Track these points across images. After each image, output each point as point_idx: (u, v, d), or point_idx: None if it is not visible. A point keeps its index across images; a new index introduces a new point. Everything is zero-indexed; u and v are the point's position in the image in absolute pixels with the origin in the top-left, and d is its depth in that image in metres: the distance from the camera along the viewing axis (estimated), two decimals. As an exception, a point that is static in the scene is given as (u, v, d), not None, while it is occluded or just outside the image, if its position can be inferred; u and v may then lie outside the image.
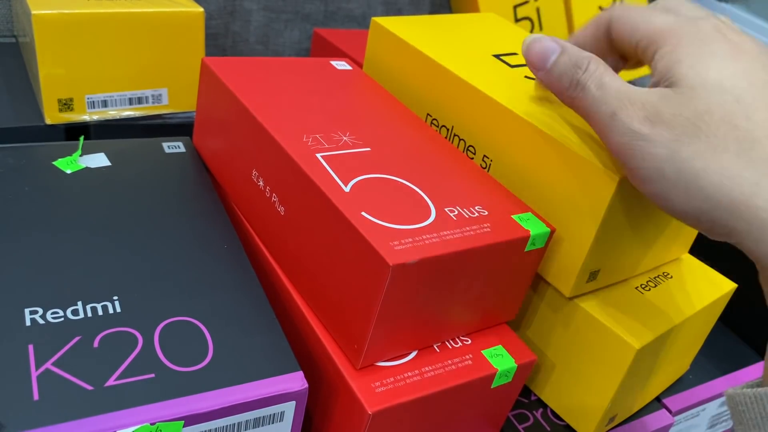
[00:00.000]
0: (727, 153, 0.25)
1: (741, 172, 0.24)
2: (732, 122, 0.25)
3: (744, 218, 0.24)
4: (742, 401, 0.25)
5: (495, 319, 0.35)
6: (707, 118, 0.25)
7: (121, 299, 0.30)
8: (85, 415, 0.25)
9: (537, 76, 0.32)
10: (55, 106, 0.47)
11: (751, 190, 0.24)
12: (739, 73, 0.26)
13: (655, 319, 0.36)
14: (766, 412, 0.25)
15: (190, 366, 0.28)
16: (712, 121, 0.25)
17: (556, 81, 0.30)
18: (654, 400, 0.42)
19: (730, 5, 0.94)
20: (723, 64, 0.26)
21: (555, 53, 0.31)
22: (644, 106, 0.27)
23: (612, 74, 0.29)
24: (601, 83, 0.28)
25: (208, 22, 0.66)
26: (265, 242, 0.37)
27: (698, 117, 0.25)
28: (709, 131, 0.25)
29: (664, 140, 0.26)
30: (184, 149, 0.42)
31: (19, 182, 0.36)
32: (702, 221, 0.26)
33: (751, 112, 0.25)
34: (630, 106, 0.27)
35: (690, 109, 0.26)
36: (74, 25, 0.45)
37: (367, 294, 0.29)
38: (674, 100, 0.26)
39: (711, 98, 0.26)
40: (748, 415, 0.25)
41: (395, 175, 0.33)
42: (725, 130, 0.25)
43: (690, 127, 0.25)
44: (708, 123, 0.25)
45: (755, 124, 0.25)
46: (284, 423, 0.29)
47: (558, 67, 0.30)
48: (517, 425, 0.38)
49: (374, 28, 0.44)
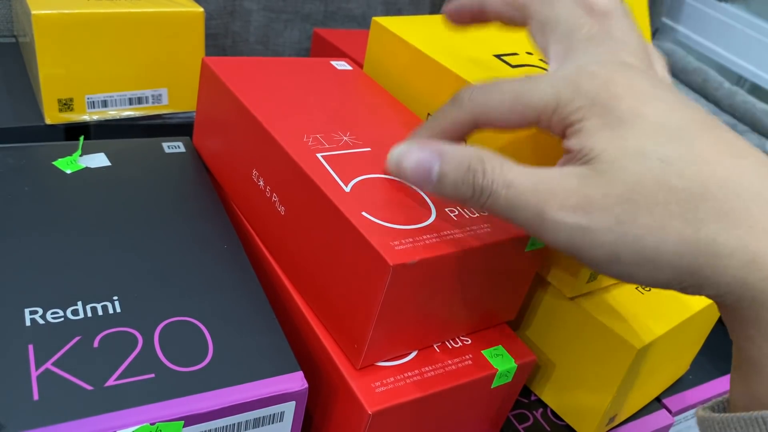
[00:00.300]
0: (674, 219, 0.23)
1: (695, 235, 0.23)
2: (666, 185, 0.23)
3: (711, 279, 0.23)
4: (711, 426, 0.25)
5: (495, 319, 0.35)
6: (640, 189, 0.23)
7: (121, 299, 0.30)
8: (85, 415, 0.25)
9: (426, 191, 0.28)
10: (55, 106, 0.47)
11: (712, 250, 0.23)
12: (655, 129, 0.24)
13: (655, 319, 0.36)
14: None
15: (190, 366, 0.28)
16: (647, 191, 0.23)
17: (453, 193, 0.26)
18: (654, 400, 0.42)
19: (729, 5, 0.94)
20: (636, 125, 0.24)
21: (436, 164, 0.26)
22: (569, 195, 0.24)
23: (512, 165, 0.25)
24: (509, 183, 0.25)
25: (208, 22, 0.66)
26: (265, 242, 0.37)
27: (631, 191, 0.23)
28: (648, 202, 0.23)
29: (607, 226, 0.23)
30: (184, 149, 0.42)
31: (19, 182, 0.36)
32: (672, 287, 0.24)
33: (681, 169, 0.23)
34: (554, 200, 0.24)
35: (619, 186, 0.23)
36: (74, 25, 0.45)
37: (368, 294, 0.29)
38: (599, 181, 0.23)
39: (637, 168, 0.23)
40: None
41: (395, 175, 0.33)
42: (663, 195, 0.23)
43: (627, 204, 0.23)
44: (644, 194, 0.23)
45: (690, 180, 0.23)
46: (284, 423, 0.29)
47: (447, 179, 0.26)
48: (517, 425, 0.38)
49: (374, 28, 0.44)
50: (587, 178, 0.24)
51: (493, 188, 0.25)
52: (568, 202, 0.24)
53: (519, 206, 0.25)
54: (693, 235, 0.23)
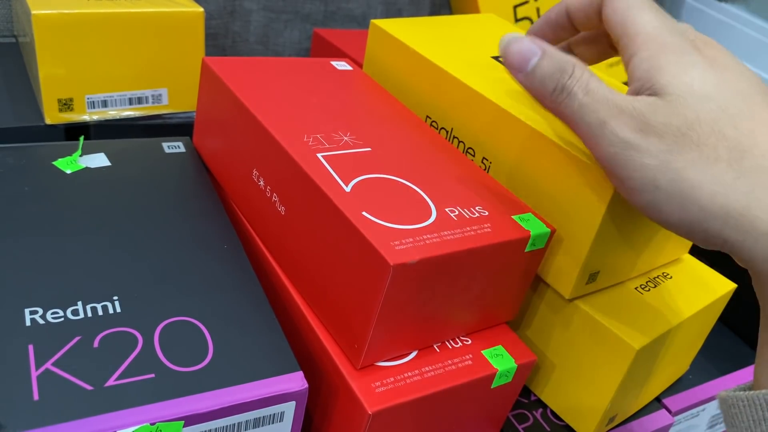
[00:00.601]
0: (719, 163, 0.25)
1: (734, 182, 0.24)
2: (721, 131, 0.25)
3: (738, 228, 0.24)
4: (735, 404, 0.25)
5: (495, 319, 0.35)
6: (697, 128, 0.25)
7: (121, 299, 0.30)
8: (85, 415, 0.25)
9: (517, 78, 0.30)
10: (55, 106, 0.47)
11: (745, 200, 0.24)
12: (721, 84, 0.26)
13: (654, 319, 0.36)
14: (758, 416, 0.25)
15: (190, 366, 0.28)
16: (702, 131, 0.25)
17: (539, 85, 0.29)
18: (654, 400, 0.42)
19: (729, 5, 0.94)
20: (704, 74, 0.26)
21: (536, 56, 0.29)
22: (634, 116, 0.26)
23: (598, 80, 0.28)
24: (588, 89, 0.27)
25: (208, 22, 0.66)
26: (265, 242, 0.37)
27: (688, 126, 0.25)
28: (700, 141, 0.25)
29: (656, 150, 0.25)
30: (184, 149, 0.42)
31: (19, 182, 0.36)
32: (695, 231, 0.26)
33: (737, 122, 0.25)
34: (620, 115, 0.26)
35: (680, 119, 0.25)
36: (74, 25, 0.45)
37: (368, 294, 0.29)
38: (663, 109, 0.26)
39: (699, 107, 0.25)
40: (741, 418, 0.25)
41: (396, 176, 0.33)
42: (715, 139, 0.25)
43: (681, 136, 0.25)
44: (698, 132, 0.25)
45: (742, 133, 0.25)
46: (284, 423, 0.29)
47: (540, 71, 0.29)
48: (517, 425, 0.38)
49: (373, 30, 0.44)
50: (653, 107, 0.26)
51: (574, 89, 0.27)
52: (631, 120, 0.26)
53: (588, 112, 0.27)
54: (732, 181, 0.24)
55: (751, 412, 0.25)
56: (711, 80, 0.26)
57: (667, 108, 0.26)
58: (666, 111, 0.26)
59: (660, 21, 0.28)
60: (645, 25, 0.28)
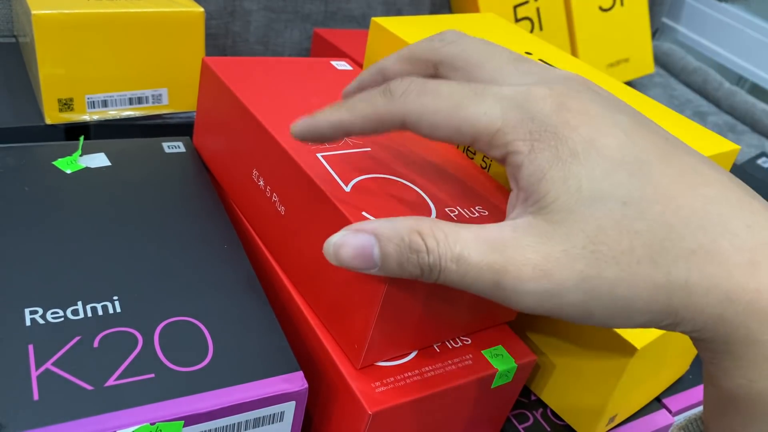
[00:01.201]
0: (642, 266, 0.21)
1: (666, 278, 0.21)
2: (629, 230, 0.21)
3: (687, 319, 0.22)
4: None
5: (495, 319, 0.35)
6: (603, 238, 0.21)
7: (121, 299, 0.30)
8: (85, 415, 0.25)
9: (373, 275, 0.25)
10: (55, 106, 0.47)
11: (685, 293, 0.21)
12: (614, 166, 0.22)
13: (655, 319, 0.36)
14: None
15: (190, 366, 0.28)
16: (609, 240, 0.21)
17: (402, 274, 0.24)
18: (654, 400, 0.42)
19: (729, 5, 0.94)
20: (591, 162, 0.22)
21: (373, 248, 0.24)
22: (527, 259, 0.22)
23: (458, 232, 0.23)
24: (457, 257, 0.22)
25: (208, 22, 0.66)
26: (265, 242, 0.37)
27: (593, 242, 0.21)
28: (613, 251, 0.21)
29: (573, 284, 0.21)
30: (184, 149, 0.42)
31: (19, 182, 0.36)
32: (648, 326, 0.23)
33: (643, 210, 0.21)
34: (511, 268, 0.22)
35: (579, 238, 0.21)
36: (74, 25, 0.45)
37: (368, 293, 0.29)
38: (556, 234, 0.22)
39: (596, 214, 0.21)
40: None
41: (396, 176, 0.33)
42: (627, 241, 0.21)
43: (591, 257, 0.21)
44: (607, 244, 0.21)
45: (654, 221, 0.21)
46: (284, 423, 0.29)
47: (392, 260, 0.24)
48: (517, 425, 0.38)
49: (374, 28, 0.44)
50: (543, 234, 0.22)
51: (442, 265, 0.23)
52: (527, 267, 0.22)
53: (474, 280, 0.23)
54: (664, 279, 0.21)
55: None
56: (600, 168, 0.22)
57: (561, 231, 0.22)
58: (560, 236, 0.22)
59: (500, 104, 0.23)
60: (489, 120, 0.23)
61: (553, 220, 0.22)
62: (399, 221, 0.24)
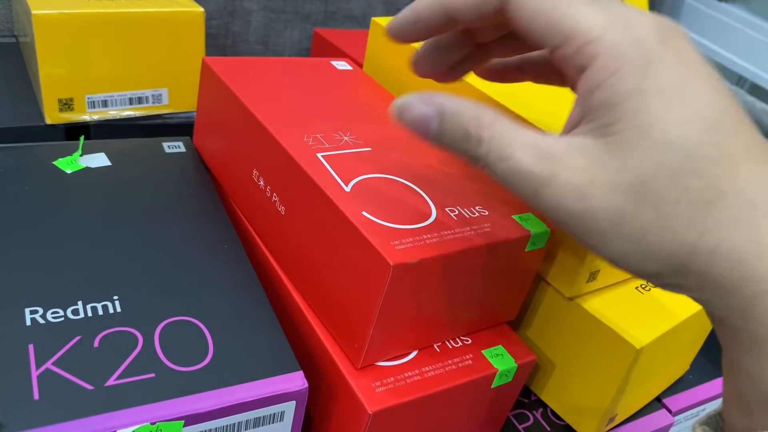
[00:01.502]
0: (679, 221, 0.21)
1: (697, 241, 0.21)
2: (682, 183, 0.21)
3: (704, 284, 0.22)
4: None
5: (495, 319, 0.35)
6: (652, 184, 0.21)
7: (121, 299, 0.30)
8: (85, 415, 0.25)
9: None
10: (55, 106, 0.47)
11: (708, 259, 0.21)
12: (689, 117, 0.21)
13: (655, 319, 0.36)
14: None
15: (190, 366, 0.28)
16: (658, 186, 0.21)
17: (449, 150, 0.24)
18: (654, 400, 0.42)
19: (730, 5, 0.94)
20: (670, 107, 0.21)
21: (433, 122, 0.24)
22: (573, 174, 0.22)
23: (515, 132, 0.23)
24: (506, 156, 0.22)
25: (208, 22, 0.66)
26: (266, 242, 0.37)
27: (642, 183, 0.21)
28: (657, 198, 0.21)
29: (605, 216, 0.21)
30: (184, 149, 0.42)
31: (19, 182, 0.36)
32: (652, 280, 0.23)
33: (703, 168, 0.21)
34: (554, 180, 0.22)
35: (630, 175, 0.21)
36: (74, 25, 0.45)
37: (368, 293, 0.29)
38: (610, 163, 0.21)
39: (656, 157, 0.21)
40: None
41: (396, 175, 0.33)
42: (675, 194, 0.21)
43: (634, 196, 0.21)
44: (654, 189, 0.21)
45: (708, 182, 0.21)
46: (284, 423, 0.29)
47: (444, 138, 0.24)
48: (517, 425, 0.38)
49: (374, 28, 0.44)
50: (598, 157, 0.22)
51: (489, 159, 0.23)
52: (569, 187, 0.22)
53: (515, 183, 0.23)
54: (694, 240, 0.21)
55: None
56: (676, 114, 0.21)
57: (617, 161, 0.21)
58: (615, 165, 0.21)
59: (608, 14, 0.22)
60: (592, 24, 0.22)
61: (612, 149, 0.21)
62: (465, 105, 0.24)
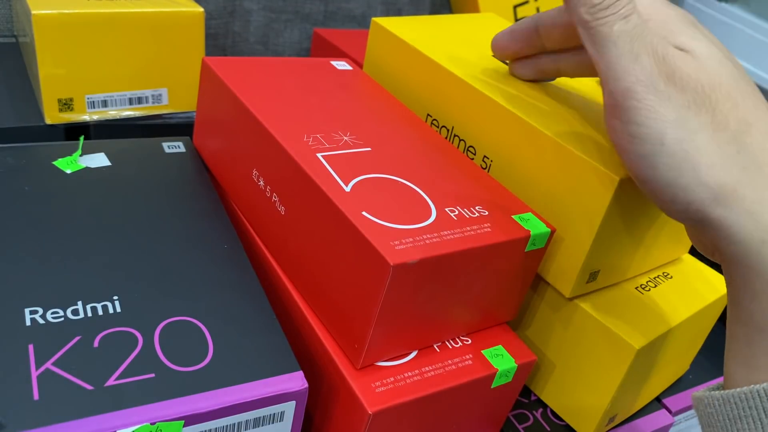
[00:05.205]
0: (725, 132, 0.24)
1: (735, 155, 0.24)
2: (734, 100, 0.25)
3: (725, 203, 0.24)
4: (710, 403, 0.25)
5: (495, 319, 0.35)
6: (717, 90, 0.25)
7: (121, 299, 0.30)
8: (85, 415, 0.25)
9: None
10: (55, 106, 0.47)
11: (738, 176, 0.24)
12: (728, 59, 0.26)
13: (655, 319, 0.36)
14: (734, 414, 0.24)
15: (190, 366, 0.28)
16: (720, 94, 0.25)
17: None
18: (654, 400, 0.42)
19: (730, 5, 0.94)
20: (713, 46, 0.26)
21: None
22: (666, 59, 0.25)
23: (639, 13, 0.26)
24: (631, 18, 0.26)
25: (208, 22, 0.66)
26: (265, 242, 0.37)
27: (710, 86, 0.25)
28: (717, 104, 0.24)
29: (675, 103, 0.25)
30: (184, 149, 0.42)
31: (19, 182, 0.36)
32: (678, 200, 0.25)
33: (745, 95, 0.25)
34: (654, 55, 0.25)
35: (705, 76, 0.25)
36: (74, 25, 0.45)
37: (368, 293, 0.29)
38: (692, 64, 0.25)
39: (720, 71, 0.25)
40: (717, 418, 0.25)
41: (396, 175, 0.33)
42: (729, 106, 0.24)
43: (701, 95, 0.25)
44: (717, 96, 0.25)
45: (748, 107, 0.25)
46: (284, 423, 0.29)
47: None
48: (517, 425, 0.38)
49: (374, 28, 0.44)
50: (685, 56, 0.25)
51: (619, 11, 0.26)
52: (662, 63, 0.25)
53: (626, 39, 0.25)
54: (733, 154, 0.24)
55: (726, 411, 0.24)
56: (719, 54, 0.26)
57: (695, 63, 0.25)
58: (694, 66, 0.25)
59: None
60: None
61: (694, 55, 0.25)
62: None
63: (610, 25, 0.26)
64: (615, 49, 0.26)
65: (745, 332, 0.24)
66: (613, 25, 0.26)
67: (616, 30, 0.26)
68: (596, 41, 0.26)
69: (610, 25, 0.26)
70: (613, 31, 0.26)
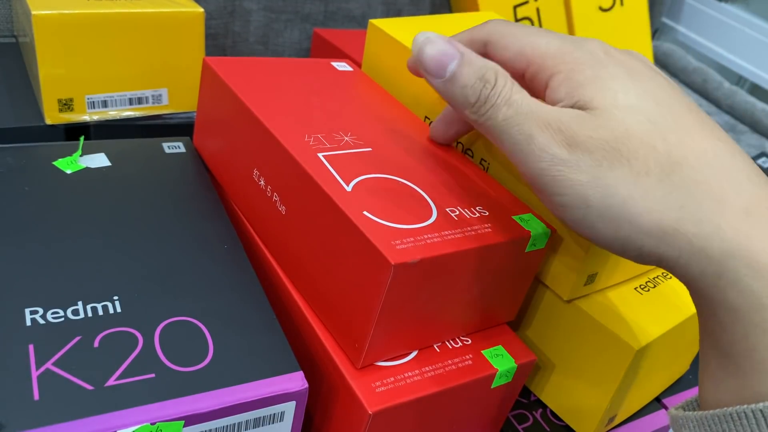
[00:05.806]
0: (649, 177, 0.24)
1: (665, 197, 0.23)
2: (650, 144, 0.24)
3: (673, 245, 0.23)
4: (685, 424, 0.25)
5: (495, 320, 0.35)
6: (626, 141, 0.24)
7: (121, 299, 0.30)
8: (85, 415, 0.25)
9: (433, 85, 0.28)
10: (55, 106, 0.47)
11: (677, 215, 0.23)
12: (644, 94, 0.25)
13: (654, 319, 0.36)
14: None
15: (190, 366, 0.28)
16: (631, 144, 0.24)
17: (459, 95, 0.27)
18: (654, 400, 0.42)
19: (730, 5, 0.94)
20: (626, 85, 0.25)
21: (454, 61, 0.27)
22: (561, 129, 0.25)
23: (520, 90, 0.26)
24: (512, 101, 0.26)
25: (208, 22, 0.66)
26: (266, 242, 0.37)
27: (617, 140, 0.24)
28: (630, 155, 0.24)
29: (586, 165, 0.24)
30: (184, 149, 0.42)
31: (19, 182, 0.36)
32: (629, 249, 0.25)
33: (665, 134, 0.24)
34: (547, 129, 0.25)
35: (608, 132, 0.24)
36: (74, 25, 0.45)
37: (369, 293, 0.29)
38: (590, 123, 0.24)
39: (627, 119, 0.24)
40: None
41: (397, 175, 0.33)
42: (645, 152, 0.24)
43: (610, 150, 0.24)
44: (628, 146, 0.24)
45: (671, 145, 0.24)
46: (284, 423, 0.29)
47: (460, 80, 0.27)
48: (517, 425, 0.38)
49: (371, 30, 0.44)
50: (580, 118, 0.25)
51: (497, 101, 0.26)
52: (559, 134, 0.25)
53: (513, 125, 0.26)
54: (664, 196, 0.23)
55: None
56: (633, 91, 0.25)
57: (595, 121, 0.24)
58: (593, 124, 0.24)
59: (561, 39, 0.27)
60: (548, 46, 0.27)
61: (591, 113, 0.25)
62: (483, 58, 0.27)
63: (495, 117, 0.26)
64: (509, 137, 0.26)
65: (714, 354, 0.24)
66: (497, 116, 0.26)
67: (501, 120, 0.26)
68: (491, 134, 0.27)
69: (494, 117, 0.26)
70: (499, 121, 0.26)
